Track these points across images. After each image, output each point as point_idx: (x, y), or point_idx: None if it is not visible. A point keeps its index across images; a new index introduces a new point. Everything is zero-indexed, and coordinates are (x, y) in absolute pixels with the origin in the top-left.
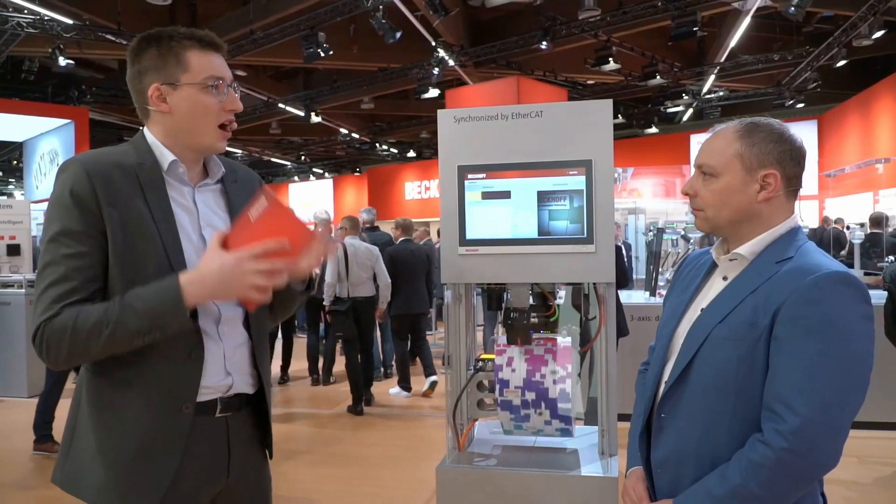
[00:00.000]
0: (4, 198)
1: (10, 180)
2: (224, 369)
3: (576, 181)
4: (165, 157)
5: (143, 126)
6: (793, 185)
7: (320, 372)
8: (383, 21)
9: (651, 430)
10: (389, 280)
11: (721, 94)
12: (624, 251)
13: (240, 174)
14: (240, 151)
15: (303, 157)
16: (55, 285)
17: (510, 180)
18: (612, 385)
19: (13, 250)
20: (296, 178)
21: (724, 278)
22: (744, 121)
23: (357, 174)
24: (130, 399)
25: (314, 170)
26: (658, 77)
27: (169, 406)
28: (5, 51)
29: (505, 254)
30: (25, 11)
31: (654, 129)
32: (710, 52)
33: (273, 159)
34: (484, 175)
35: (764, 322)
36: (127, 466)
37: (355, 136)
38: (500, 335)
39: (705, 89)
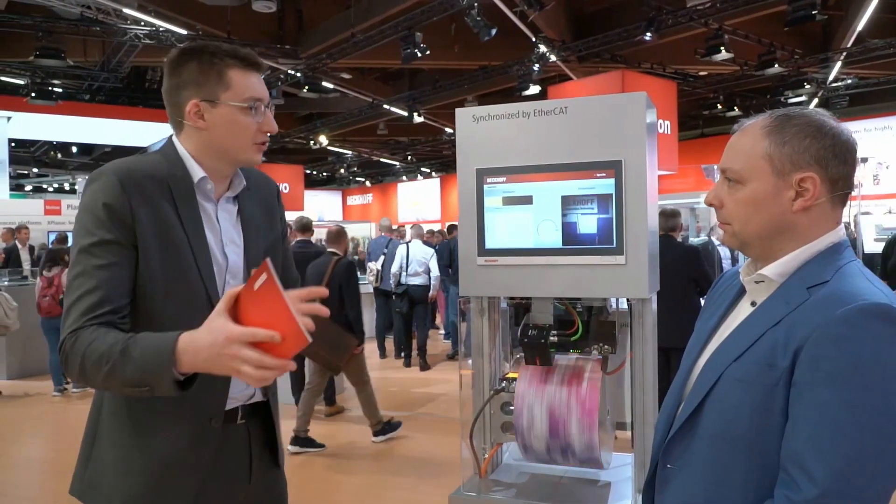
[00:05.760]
0: None
1: None
2: None
3: (604, 185)
4: (195, 172)
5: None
6: (839, 188)
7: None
8: (478, 18)
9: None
10: (439, 273)
11: (849, 81)
12: (721, 253)
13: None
14: (350, 152)
15: (409, 157)
16: (86, 296)
17: (532, 184)
18: (648, 414)
19: None
20: (404, 177)
21: (753, 303)
22: (775, 113)
23: None
24: (158, 411)
25: (422, 169)
26: (777, 65)
27: (198, 419)
28: (126, 61)
29: (526, 265)
30: (142, 23)
31: None
32: (835, 36)
33: (382, 159)
34: (504, 179)
35: (783, 364)
36: (153, 478)
37: None
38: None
39: (831, 77)
